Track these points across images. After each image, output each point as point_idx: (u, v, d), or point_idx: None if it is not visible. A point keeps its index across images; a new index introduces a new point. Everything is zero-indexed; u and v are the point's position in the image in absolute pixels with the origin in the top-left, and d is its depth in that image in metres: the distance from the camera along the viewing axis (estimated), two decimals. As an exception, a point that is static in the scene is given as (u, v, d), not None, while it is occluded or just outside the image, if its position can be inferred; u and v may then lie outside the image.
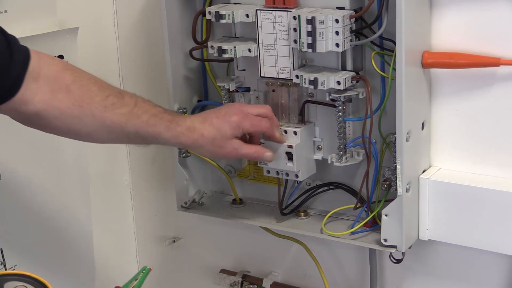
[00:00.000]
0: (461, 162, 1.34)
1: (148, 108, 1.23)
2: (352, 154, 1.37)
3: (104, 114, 1.17)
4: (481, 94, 1.28)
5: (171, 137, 1.23)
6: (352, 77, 1.30)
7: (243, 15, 1.35)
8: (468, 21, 1.26)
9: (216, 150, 1.26)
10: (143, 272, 1.11)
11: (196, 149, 1.28)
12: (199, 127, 1.25)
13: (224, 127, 1.26)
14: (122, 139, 1.24)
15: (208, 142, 1.25)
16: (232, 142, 1.27)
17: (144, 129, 1.21)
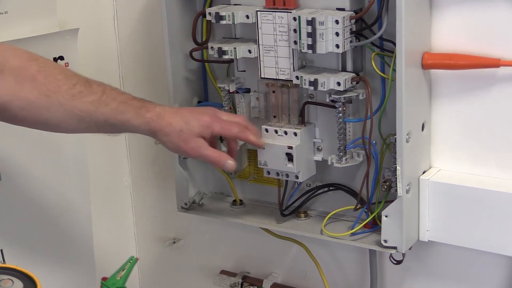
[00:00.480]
0: (461, 163, 1.34)
1: (117, 95, 1.22)
2: (352, 155, 1.37)
3: (72, 103, 1.16)
4: (481, 95, 1.28)
5: (141, 124, 1.22)
6: (352, 78, 1.30)
7: (243, 16, 1.35)
8: (468, 22, 1.26)
9: (181, 143, 1.25)
10: (130, 262, 1.10)
11: (162, 137, 1.25)
12: (169, 116, 1.24)
13: (194, 123, 1.25)
14: (91, 128, 1.22)
15: (174, 132, 1.24)
16: (198, 140, 1.26)
17: (113, 117, 1.20)
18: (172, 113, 1.25)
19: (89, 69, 1.57)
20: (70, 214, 1.53)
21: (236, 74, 1.45)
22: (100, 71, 1.67)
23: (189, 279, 1.79)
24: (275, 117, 1.41)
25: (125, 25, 1.66)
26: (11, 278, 0.94)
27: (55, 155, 1.48)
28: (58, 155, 1.48)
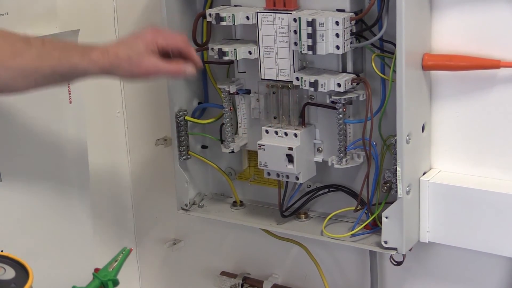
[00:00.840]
0: (462, 164, 1.34)
1: (57, 44, 1.20)
2: (353, 156, 1.37)
3: (14, 61, 1.14)
4: (482, 96, 1.28)
5: (89, 65, 1.19)
6: (353, 79, 1.31)
7: (244, 17, 1.35)
8: (468, 24, 1.27)
9: (134, 69, 1.22)
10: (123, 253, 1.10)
11: (114, 70, 1.22)
12: (112, 50, 1.22)
13: (138, 44, 1.23)
14: (40, 83, 1.19)
15: (124, 61, 1.21)
16: (150, 59, 1.23)
17: (59, 65, 1.17)
18: (115, 45, 1.23)
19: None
20: (70, 216, 1.53)
21: (237, 75, 1.45)
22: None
23: (189, 280, 1.79)
24: (275, 118, 1.41)
25: (126, 26, 1.66)
26: (3, 266, 0.94)
27: (56, 157, 1.48)
28: (58, 157, 1.48)
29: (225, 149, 1.47)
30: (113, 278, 1.06)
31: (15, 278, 0.93)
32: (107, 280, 1.05)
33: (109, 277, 1.06)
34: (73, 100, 1.47)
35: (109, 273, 1.06)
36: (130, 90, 1.71)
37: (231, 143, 1.46)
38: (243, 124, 1.47)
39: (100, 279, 1.05)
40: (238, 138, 1.48)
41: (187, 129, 1.51)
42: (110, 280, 1.05)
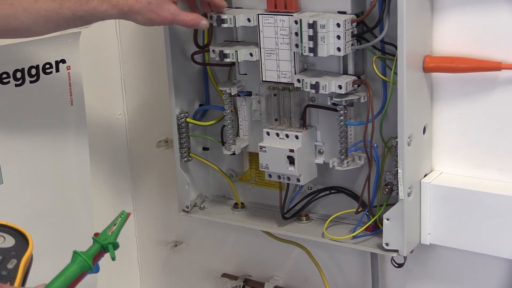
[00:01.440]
0: (463, 166, 1.34)
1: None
2: (354, 158, 1.37)
3: (36, 5, 1.18)
4: (483, 98, 1.28)
5: (108, 8, 1.23)
6: (354, 81, 1.31)
7: (245, 19, 1.35)
8: (469, 25, 1.27)
9: (152, 15, 1.27)
10: (122, 216, 1.09)
11: (133, 16, 1.26)
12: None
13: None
14: (61, 26, 1.23)
15: (143, 6, 1.26)
16: (169, 6, 1.28)
17: (79, 9, 1.21)
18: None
19: (91, 72, 1.58)
20: (71, 218, 1.53)
21: (238, 77, 1.45)
22: (102, 74, 1.67)
23: (190, 282, 1.79)
24: (276, 120, 1.41)
25: (127, 28, 1.66)
26: (3, 234, 0.94)
27: (57, 160, 1.48)
28: (59, 160, 1.48)
29: (226, 151, 1.47)
30: (113, 241, 1.06)
31: (15, 245, 0.93)
32: (107, 243, 1.05)
33: (109, 240, 1.06)
34: (74, 102, 1.48)
35: (109, 236, 1.06)
36: (132, 92, 1.71)
37: (232, 145, 1.46)
38: (244, 126, 1.47)
39: (100, 242, 1.05)
40: (239, 140, 1.48)
41: (188, 131, 1.51)
42: (110, 243, 1.05)
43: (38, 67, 1.40)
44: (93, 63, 1.61)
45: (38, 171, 1.45)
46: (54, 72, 1.43)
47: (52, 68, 1.42)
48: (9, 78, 1.35)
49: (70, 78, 1.46)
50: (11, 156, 1.39)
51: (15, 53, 1.35)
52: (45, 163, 1.46)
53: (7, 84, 1.35)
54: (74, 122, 1.49)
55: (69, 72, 1.46)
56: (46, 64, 1.41)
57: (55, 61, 1.43)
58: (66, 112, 1.47)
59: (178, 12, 1.28)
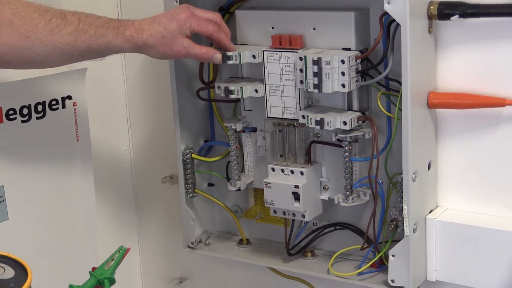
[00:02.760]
0: (468, 202, 1.34)
1: (93, 21, 1.24)
2: (359, 194, 1.37)
3: (52, 37, 1.19)
4: (487, 134, 1.29)
5: (122, 43, 1.24)
6: (358, 117, 1.31)
7: (250, 56, 1.36)
8: (473, 62, 1.27)
9: (166, 49, 1.27)
10: (120, 251, 1.09)
11: (147, 50, 1.28)
12: (147, 28, 1.26)
13: (172, 25, 1.27)
14: (76, 58, 1.25)
15: (157, 41, 1.26)
16: (182, 40, 1.28)
17: (94, 42, 1.22)
18: (150, 23, 1.27)
19: (97, 108, 1.59)
20: (76, 252, 1.53)
21: (243, 113, 1.46)
22: (108, 110, 1.68)
23: (195, 319, 1.78)
24: (281, 156, 1.41)
25: (133, 64, 1.67)
26: (3, 265, 0.94)
27: (62, 193, 1.48)
28: (65, 194, 1.48)
29: (232, 187, 1.47)
30: (109, 276, 1.05)
31: (14, 277, 0.93)
32: (104, 278, 1.05)
33: (105, 275, 1.05)
34: (80, 138, 1.48)
35: (106, 271, 1.06)
36: (137, 128, 1.72)
37: (237, 181, 1.46)
38: (250, 162, 1.47)
39: (97, 277, 1.04)
40: (244, 176, 1.48)
41: (194, 167, 1.51)
42: (107, 278, 1.05)
43: (44, 103, 1.41)
44: (99, 99, 1.62)
45: (43, 207, 1.45)
46: (60, 108, 1.44)
47: (58, 104, 1.43)
48: (15, 114, 1.36)
49: (76, 114, 1.47)
50: (17, 192, 1.39)
51: (22, 89, 1.36)
52: (50, 199, 1.46)
53: (13, 120, 1.36)
54: (80, 158, 1.49)
55: (75, 108, 1.46)
56: (52, 100, 1.42)
57: (61, 97, 1.44)
58: (72, 148, 1.47)
59: (192, 46, 1.29)
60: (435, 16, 1.24)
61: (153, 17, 1.29)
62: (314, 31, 1.33)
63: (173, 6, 1.39)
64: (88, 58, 1.26)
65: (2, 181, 1.36)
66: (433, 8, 1.24)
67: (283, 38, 1.34)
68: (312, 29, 1.34)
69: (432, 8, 1.24)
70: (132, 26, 1.25)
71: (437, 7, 1.24)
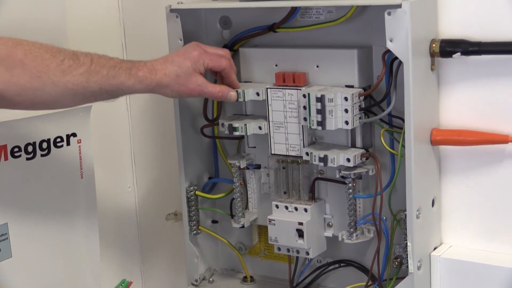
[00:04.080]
0: (473, 239, 1.33)
1: (105, 62, 1.23)
2: (363, 231, 1.36)
3: (64, 78, 1.18)
4: (491, 171, 1.29)
5: (135, 83, 1.24)
6: (362, 154, 1.31)
7: (254, 93, 1.37)
8: (476, 99, 1.28)
9: (181, 88, 1.27)
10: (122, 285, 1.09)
11: (161, 90, 1.27)
12: (160, 68, 1.26)
13: (186, 63, 1.27)
14: (88, 99, 1.24)
15: (172, 80, 1.26)
16: (196, 78, 1.28)
17: (106, 83, 1.21)
18: (163, 63, 1.27)
19: (101, 145, 1.59)
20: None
21: (247, 150, 1.46)
22: (112, 147, 1.68)
23: None
24: (285, 193, 1.41)
25: (137, 101, 1.68)
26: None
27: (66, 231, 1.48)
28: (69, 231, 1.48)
29: (236, 224, 1.47)
30: None
31: None
32: None
33: None
34: (85, 175, 1.49)
35: None
36: (142, 164, 1.72)
37: (241, 218, 1.46)
38: (253, 199, 1.47)
39: None
40: (248, 213, 1.48)
41: (198, 204, 1.51)
42: None
43: (49, 140, 1.41)
44: (104, 136, 1.63)
45: (47, 244, 1.45)
46: (65, 145, 1.44)
47: (63, 141, 1.44)
48: (20, 152, 1.37)
49: (80, 151, 1.47)
50: (21, 229, 1.39)
51: (27, 127, 1.37)
52: (54, 236, 1.46)
53: (18, 158, 1.37)
54: (84, 195, 1.49)
55: (80, 146, 1.47)
56: (57, 137, 1.43)
57: (66, 135, 1.44)
58: (76, 185, 1.48)
59: (206, 84, 1.30)
60: (437, 54, 1.25)
61: (165, 57, 1.29)
62: (318, 69, 1.34)
63: (177, 43, 1.40)
64: (100, 99, 1.26)
65: (6, 218, 1.37)
66: (435, 46, 1.25)
67: (287, 76, 1.35)
68: (316, 66, 1.35)
69: (434, 46, 1.25)
70: (145, 67, 1.25)
71: (439, 45, 1.25)
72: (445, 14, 1.27)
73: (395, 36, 1.20)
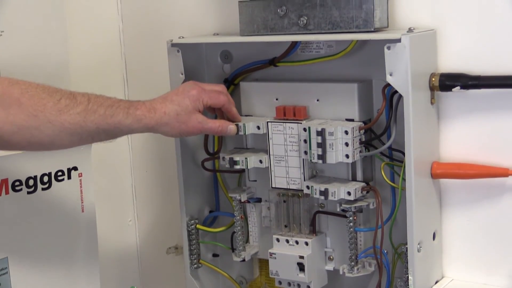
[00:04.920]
0: (474, 272, 1.33)
1: (103, 101, 1.21)
2: (364, 264, 1.36)
3: (60, 117, 1.16)
4: (491, 204, 1.29)
5: (133, 122, 1.22)
6: (362, 187, 1.31)
7: (254, 127, 1.37)
8: (475, 132, 1.28)
9: (182, 126, 1.27)
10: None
11: (161, 128, 1.26)
12: (160, 107, 1.25)
13: (185, 101, 1.27)
14: (85, 139, 1.22)
15: (172, 118, 1.26)
16: (196, 116, 1.28)
17: (103, 122, 1.19)
18: (162, 102, 1.27)
19: (102, 178, 1.59)
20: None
21: (248, 184, 1.46)
22: (113, 180, 1.69)
23: None
24: (286, 226, 1.41)
25: (138, 135, 1.69)
26: None
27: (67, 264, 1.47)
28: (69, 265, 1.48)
29: (236, 258, 1.47)
30: None
31: None
32: None
33: None
34: (85, 209, 1.48)
35: None
36: (143, 198, 1.72)
37: (242, 252, 1.46)
38: (254, 232, 1.47)
39: None
40: (249, 247, 1.47)
41: (199, 237, 1.51)
42: None
43: (50, 174, 1.41)
44: (105, 170, 1.63)
45: (47, 278, 1.44)
46: (66, 179, 1.44)
47: (64, 175, 1.44)
48: (21, 186, 1.37)
49: (81, 185, 1.47)
50: (21, 263, 1.38)
51: (28, 161, 1.37)
52: (54, 270, 1.45)
53: (19, 192, 1.37)
54: (85, 228, 1.49)
55: (81, 179, 1.47)
56: (58, 171, 1.43)
57: (67, 169, 1.44)
58: (77, 219, 1.48)
59: (206, 121, 1.30)
60: (437, 88, 1.26)
61: (164, 96, 1.29)
62: (318, 102, 1.35)
63: (178, 77, 1.41)
64: (98, 140, 1.24)
65: (6, 252, 1.36)
66: (435, 80, 1.25)
67: (287, 109, 1.35)
68: (316, 100, 1.35)
69: (433, 80, 1.26)
70: (143, 106, 1.25)
71: (438, 79, 1.25)
72: (444, 48, 1.28)
73: (395, 70, 1.21)
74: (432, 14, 1.28)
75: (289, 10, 1.32)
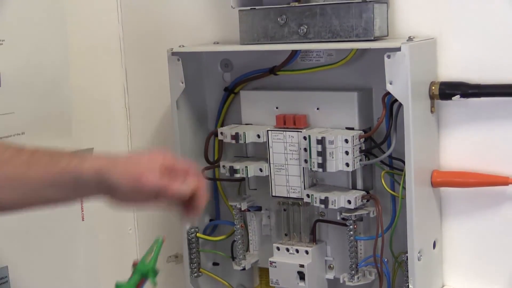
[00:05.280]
0: (475, 281, 1.33)
1: (50, 152, 1.06)
2: (364, 273, 1.36)
3: (1, 169, 1.02)
4: (492, 213, 1.29)
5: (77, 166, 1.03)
6: (363, 196, 1.31)
7: (255, 135, 1.38)
8: (475, 141, 1.28)
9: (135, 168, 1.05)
10: (157, 243, 1.09)
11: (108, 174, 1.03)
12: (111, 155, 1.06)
13: None
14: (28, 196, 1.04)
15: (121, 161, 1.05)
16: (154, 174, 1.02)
17: (46, 172, 1.03)
18: None
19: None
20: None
21: (248, 192, 1.46)
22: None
23: None
24: (286, 235, 1.41)
25: (138, 144, 1.69)
26: None
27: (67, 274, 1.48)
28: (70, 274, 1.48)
29: (237, 266, 1.46)
30: (152, 267, 1.07)
31: None
32: (147, 271, 1.06)
33: (147, 267, 1.07)
34: (86, 217, 1.49)
35: (147, 264, 1.07)
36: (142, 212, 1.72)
37: (242, 260, 1.46)
38: (254, 241, 1.47)
39: (141, 270, 1.06)
40: (249, 255, 1.47)
41: (199, 246, 1.51)
42: (150, 270, 1.07)
43: (50, 183, 1.41)
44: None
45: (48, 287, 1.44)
46: (66, 188, 1.44)
47: (64, 184, 1.44)
48: (21, 194, 1.37)
49: (82, 193, 1.47)
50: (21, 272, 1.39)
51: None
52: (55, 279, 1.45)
53: (19, 200, 1.37)
54: (85, 237, 1.49)
55: (81, 188, 1.47)
56: (58, 180, 1.43)
57: (67, 177, 1.44)
58: (77, 227, 1.48)
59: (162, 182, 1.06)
60: (437, 96, 1.26)
61: None
62: (318, 111, 1.35)
63: (178, 86, 1.42)
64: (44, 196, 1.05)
65: (6, 261, 1.36)
66: (435, 88, 1.26)
67: (287, 118, 1.35)
68: (316, 109, 1.35)
69: (433, 88, 1.26)
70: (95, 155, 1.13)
71: (438, 87, 1.25)
72: (444, 56, 1.28)
73: (395, 79, 1.21)
74: (432, 22, 1.29)
75: (289, 19, 1.33)
